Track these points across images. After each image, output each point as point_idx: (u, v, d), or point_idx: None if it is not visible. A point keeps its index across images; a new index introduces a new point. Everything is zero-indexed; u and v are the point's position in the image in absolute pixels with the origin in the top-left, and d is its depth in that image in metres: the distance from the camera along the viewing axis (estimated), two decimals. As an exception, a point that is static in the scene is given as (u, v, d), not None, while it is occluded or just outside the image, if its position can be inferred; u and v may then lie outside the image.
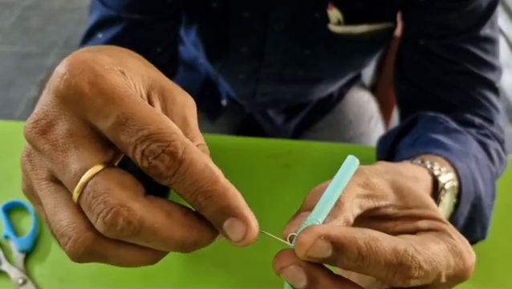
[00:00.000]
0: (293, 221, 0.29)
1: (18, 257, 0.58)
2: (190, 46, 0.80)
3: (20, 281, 0.56)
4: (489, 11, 0.62)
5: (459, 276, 0.30)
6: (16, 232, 0.60)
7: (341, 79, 0.89)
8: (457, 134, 0.58)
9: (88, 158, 0.25)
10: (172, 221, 0.25)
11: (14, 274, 0.56)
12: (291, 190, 0.63)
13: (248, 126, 1.00)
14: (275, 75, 0.80)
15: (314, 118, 0.99)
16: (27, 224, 0.61)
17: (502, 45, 0.67)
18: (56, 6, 2.42)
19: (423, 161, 0.47)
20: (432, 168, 0.46)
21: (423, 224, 0.32)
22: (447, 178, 0.46)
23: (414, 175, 0.42)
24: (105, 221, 0.24)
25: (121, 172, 0.25)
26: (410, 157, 0.51)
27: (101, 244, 0.25)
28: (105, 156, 0.26)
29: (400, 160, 0.53)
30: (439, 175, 0.46)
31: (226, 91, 0.91)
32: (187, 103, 0.30)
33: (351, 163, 0.29)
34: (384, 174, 0.33)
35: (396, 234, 0.33)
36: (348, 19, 0.68)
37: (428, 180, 0.45)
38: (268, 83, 0.82)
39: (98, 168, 0.25)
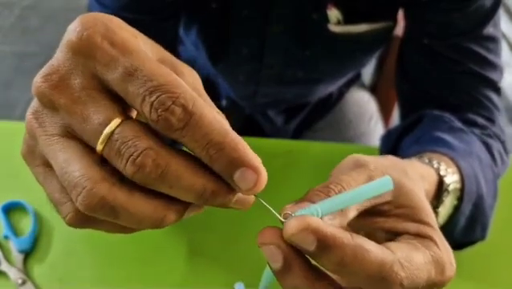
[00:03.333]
0: (295, 205, 0.29)
1: (18, 257, 0.58)
2: (190, 46, 0.80)
3: (19, 281, 0.55)
4: (493, 11, 0.62)
5: (435, 285, 0.30)
6: (15, 232, 0.60)
7: (341, 79, 0.89)
8: (461, 133, 0.58)
9: (108, 110, 0.25)
10: (194, 169, 0.25)
11: (14, 274, 0.56)
12: (291, 190, 0.63)
13: (248, 126, 1.00)
14: (275, 77, 0.79)
15: (314, 118, 0.99)
16: (27, 224, 0.61)
17: (503, 45, 0.67)
18: (56, 6, 2.42)
19: (430, 160, 0.47)
20: (438, 167, 0.46)
21: (412, 227, 0.32)
22: (452, 179, 0.46)
23: (420, 173, 0.42)
24: (136, 163, 0.24)
25: (142, 122, 0.26)
26: (416, 154, 0.51)
27: (115, 195, 0.25)
28: (121, 108, 0.26)
29: (403, 157, 0.53)
30: (445, 176, 0.46)
31: (226, 92, 0.91)
32: (196, 78, 0.31)
33: (385, 185, 0.28)
34: (389, 170, 0.33)
35: (383, 230, 0.33)
36: (348, 19, 0.67)
37: (434, 179, 0.45)
38: (268, 85, 0.82)
39: (120, 119, 0.25)
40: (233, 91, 0.87)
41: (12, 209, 0.62)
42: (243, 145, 0.25)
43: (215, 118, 0.25)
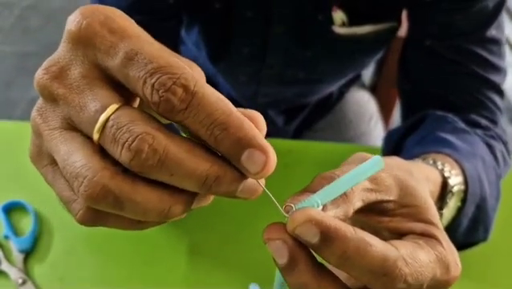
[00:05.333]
0: (297, 196, 0.29)
1: (18, 257, 0.58)
2: (192, 46, 0.80)
3: (20, 281, 0.55)
4: (496, 12, 0.62)
5: (441, 285, 0.30)
6: (16, 232, 0.60)
7: (342, 79, 0.89)
8: (464, 134, 0.58)
9: (106, 97, 0.25)
10: (195, 154, 0.24)
11: (14, 274, 0.56)
12: (291, 190, 0.63)
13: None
14: (276, 77, 0.79)
15: (315, 118, 0.99)
16: (27, 224, 0.61)
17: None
18: (56, 6, 2.42)
19: (434, 162, 0.47)
20: (443, 169, 0.46)
21: (417, 227, 0.32)
22: (456, 181, 0.46)
23: (426, 174, 0.42)
24: (131, 148, 0.23)
25: (140, 109, 0.25)
26: (420, 155, 0.51)
27: (117, 183, 0.24)
28: (120, 96, 0.25)
29: (407, 156, 0.53)
30: (449, 177, 0.46)
31: (226, 92, 0.91)
32: (196, 70, 0.30)
33: (376, 164, 0.28)
34: (394, 169, 0.33)
35: (388, 229, 0.33)
36: (352, 20, 0.67)
37: (439, 181, 0.45)
38: (269, 85, 0.82)
39: (116, 105, 0.24)
40: (234, 90, 0.87)
41: (12, 208, 0.63)
42: (249, 125, 0.24)
43: (218, 98, 0.24)
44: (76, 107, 0.25)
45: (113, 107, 0.24)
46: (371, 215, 0.33)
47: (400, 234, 0.32)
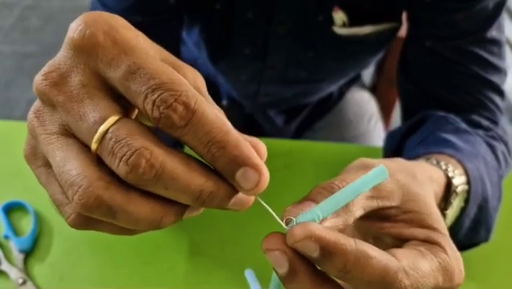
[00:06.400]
0: (297, 205, 0.29)
1: (18, 257, 0.58)
2: (192, 46, 0.80)
3: (20, 281, 0.55)
4: (496, 13, 0.62)
5: None
6: (16, 232, 0.60)
7: (343, 79, 0.89)
8: (466, 135, 0.58)
9: (105, 108, 0.25)
10: (190, 169, 0.25)
11: (14, 274, 0.56)
12: (291, 190, 0.63)
13: (248, 126, 1.00)
14: (278, 77, 0.79)
15: (315, 118, 0.99)
16: (27, 224, 0.61)
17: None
18: (56, 6, 2.42)
19: (438, 162, 0.47)
20: (446, 169, 0.46)
21: (420, 233, 0.32)
22: (460, 181, 0.46)
23: (430, 175, 0.42)
24: (128, 162, 0.24)
25: (139, 122, 0.25)
26: (422, 155, 0.51)
27: (111, 194, 0.24)
28: (119, 107, 0.26)
29: (409, 157, 0.53)
30: (453, 177, 0.46)
31: (227, 92, 0.91)
32: (198, 78, 0.30)
33: (380, 174, 0.28)
34: (397, 173, 0.33)
35: (390, 235, 0.33)
36: (353, 21, 0.67)
37: (443, 181, 0.45)
38: (270, 84, 0.82)
39: (116, 117, 0.25)
40: (235, 90, 0.87)
41: (12, 209, 0.63)
42: (245, 144, 0.25)
43: (217, 116, 0.25)
44: (75, 115, 0.25)
45: (112, 119, 0.25)
46: (373, 221, 0.33)
47: (402, 240, 0.32)
